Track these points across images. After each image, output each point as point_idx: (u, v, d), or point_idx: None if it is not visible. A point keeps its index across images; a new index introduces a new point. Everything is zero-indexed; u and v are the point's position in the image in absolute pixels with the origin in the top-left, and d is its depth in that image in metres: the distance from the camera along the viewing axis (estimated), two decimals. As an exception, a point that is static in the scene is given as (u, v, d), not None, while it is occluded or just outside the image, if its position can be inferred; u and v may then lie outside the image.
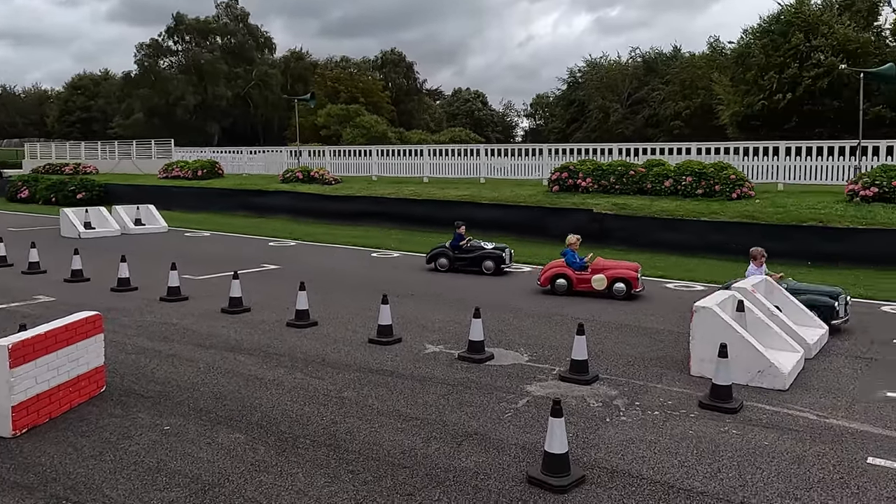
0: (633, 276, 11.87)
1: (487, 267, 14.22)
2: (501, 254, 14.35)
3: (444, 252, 14.71)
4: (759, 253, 10.37)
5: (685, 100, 52.92)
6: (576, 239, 12.73)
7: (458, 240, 14.63)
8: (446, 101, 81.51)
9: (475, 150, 25.93)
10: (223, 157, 33.69)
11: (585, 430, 6.25)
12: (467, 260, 14.45)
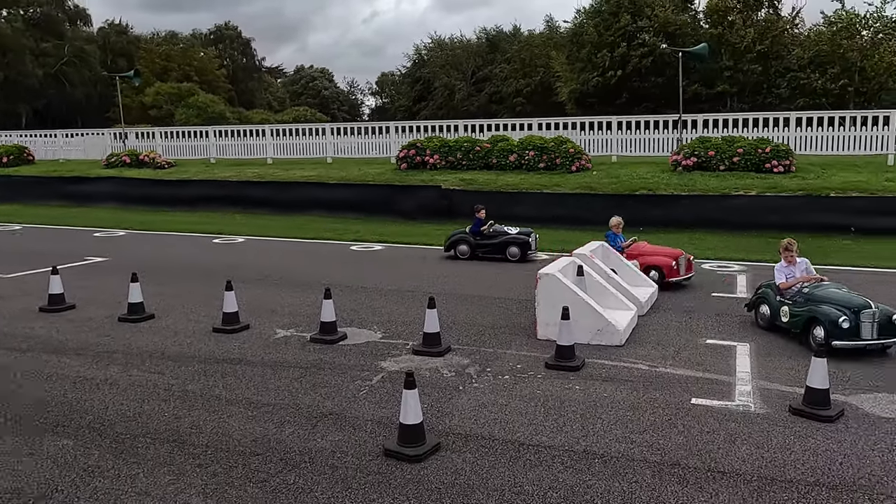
0: (667, 262, 10.77)
1: (512, 253, 13.09)
2: (527, 239, 13.24)
3: (465, 238, 13.52)
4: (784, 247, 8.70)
5: (526, 77, 54.81)
6: (618, 221, 11.61)
7: (478, 225, 13.45)
8: (289, 80, 78.49)
9: (321, 130, 25.34)
10: (33, 142, 30.44)
11: (439, 399, 6.33)
12: (490, 246, 13.33)
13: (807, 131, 20.02)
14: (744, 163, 17.83)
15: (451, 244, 13.63)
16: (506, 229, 13.49)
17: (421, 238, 15.83)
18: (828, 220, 15.50)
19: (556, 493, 4.70)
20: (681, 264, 10.91)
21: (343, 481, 4.92)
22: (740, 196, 16.43)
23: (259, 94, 68.42)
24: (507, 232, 13.38)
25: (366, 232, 16.51)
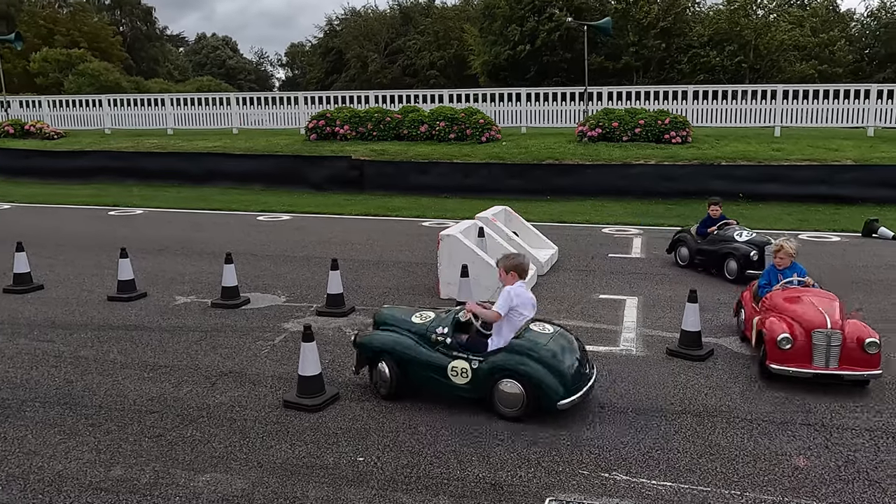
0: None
1: (730, 271, 9.22)
2: (750, 253, 8.99)
3: (686, 240, 10.08)
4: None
5: (440, 50, 54.83)
6: (789, 248, 6.79)
7: (705, 224, 9.90)
8: (191, 49, 75.05)
9: (226, 100, 24.56)
10: None
11: (341, 356, 6.45)
12: (708, 255, 9.63)
13: (703, 104, 20.99)
14: (645, 134, 18.57)
15: (672, 245, 10.40)
16: (736, 232, 9.43)
17: (332, 208, 15.76)
18: (719, 186, 16.37)
19: (448, 432, 4.93)
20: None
21: (241, 432, 4.99)
22: (641, 165, 17.13)
23: (160, 63, 65.18)
24: (735, 239, 9.31)
25: (274, 203, 16.28)
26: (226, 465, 4.54)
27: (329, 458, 4.61)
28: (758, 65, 41.96)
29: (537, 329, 5.29)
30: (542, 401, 4.97)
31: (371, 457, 4.62)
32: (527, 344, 5.11)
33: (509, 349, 5.13)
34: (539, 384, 4.95)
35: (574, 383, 5.03)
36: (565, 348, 5.18)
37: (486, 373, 5.13)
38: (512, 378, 5.03)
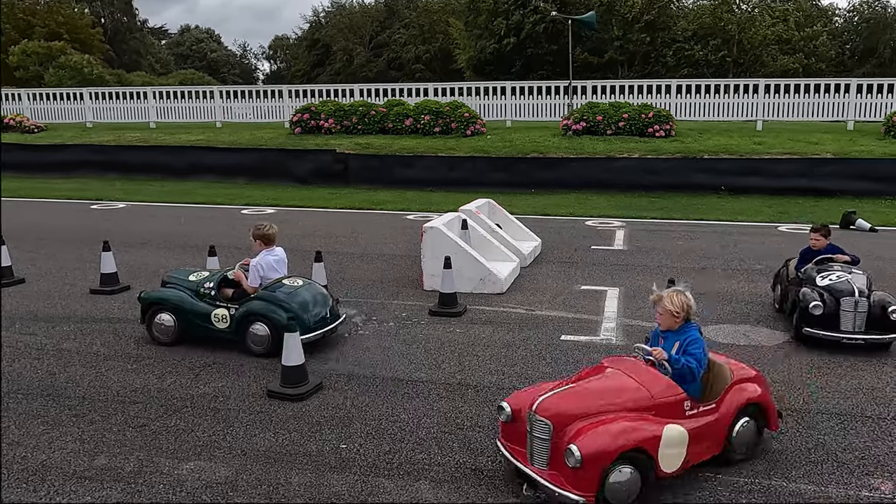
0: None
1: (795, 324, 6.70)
2: (810, 304, 6.46)
3: (780, 276, 7.80)
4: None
5: (425, 44, 54.74)
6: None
7: (804, 257, 7.33)
8: (173, 41, 74.28)
9: (209, 93, 24.41)
10: None
11: (325, 346, 6.49)
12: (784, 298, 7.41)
13: (687, 98, 21.13)
14: (629, 127, 18.70)
15: (774, 280, 8.06)
16: (824, 275, 6.77)
17: (316, 202, 15.76)
18: (701, 180, 16.57)
19: (429, 419, 5.01)
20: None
21: (225, 421, 5.04)
22: (624, 158, 17.25)
23: (143, 56, 64.47)
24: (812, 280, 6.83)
25: (258, 196, 16.25)
26: (209, 453, 4.59)
27: (312, 446, 4.67)
28: (741, 59, 42.27)
29: (288, 283, 6.54)
30: (281, 335, 5.74)
31: (354, 444, 4.68)
32: (274, 294, 6.34)
33: (260, 298, 6.34)
34: (280, 324, 6.00)
35: (314, 325, 6.25)
36: (307, 297, 6.39)
37: (241, 318, 6.30)
38: (261, 321, 6.20)
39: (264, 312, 6.21)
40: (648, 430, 3.89)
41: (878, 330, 6.28)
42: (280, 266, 6.69)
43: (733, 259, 10.11)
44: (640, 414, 3.99)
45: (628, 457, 3.78)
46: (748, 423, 4.38)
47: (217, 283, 6.59)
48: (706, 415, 4.24)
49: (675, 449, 3.98)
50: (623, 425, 3.86)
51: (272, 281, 6.49)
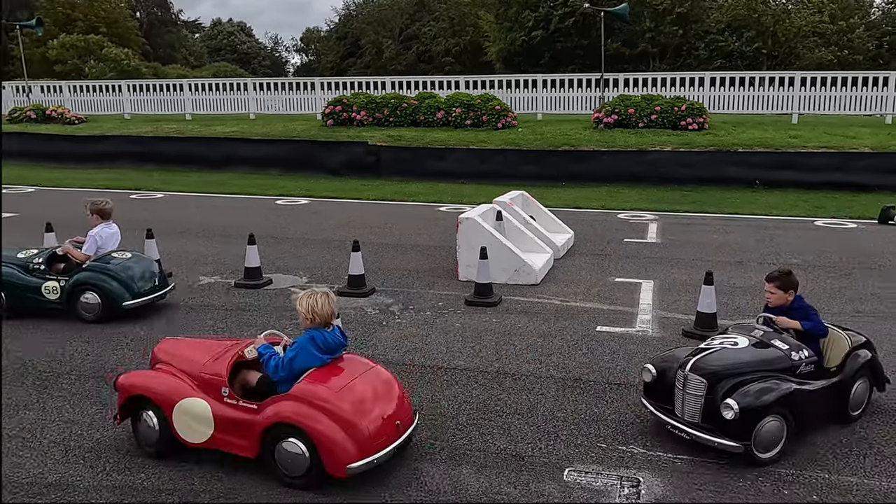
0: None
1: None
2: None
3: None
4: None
5: (455, 36, 54.64)
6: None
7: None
8: (206, 35, 75.34)
9: (243, 85, 24.74)
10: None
11: (364, 333, 6.62)
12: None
13: (720, 91, 20.91)
14: (661, 120, 18.54)
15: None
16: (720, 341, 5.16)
17: (348, 193, 15.92)
18: (735, 173, 16.39)
19: (469, 406, 5.10)
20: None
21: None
22: (657, 151, 17.12)
23: (177, 49, 65.46)
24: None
25: (292, 187, 16.44)
26: (256, 434, 4.69)
27: (355, 430, 4.77)
28: (776, 51, 41.57)
29: (118, 255, 7.24)
30: (112, 303, 6.88)
31: (395, 429, 4.77)
32: (102, 265, 7.04)
33: (89, 269, 7.00)
34: (109, 292, 6.89)
35: (141, 292, 7.05)
36: (135, 268, 7.15)
37: (71, 288, 6.95)
38: (91, 290, 6.92)
39: (94, 282, 6.93)
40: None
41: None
42: (113, 240, 7.37)
43: (769, 253, 10.02)
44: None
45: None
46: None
47: (47, 259, 7.22)
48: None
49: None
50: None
51: (104, 253, 7.18)
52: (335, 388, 4.15)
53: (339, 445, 3.97)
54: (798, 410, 4.43)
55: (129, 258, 7.25)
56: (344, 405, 4.05)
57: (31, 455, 4.48)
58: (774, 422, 4.31)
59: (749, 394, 4.30)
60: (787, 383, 4.45)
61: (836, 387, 4.70)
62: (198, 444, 4.36)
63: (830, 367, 4.87)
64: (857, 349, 4.89)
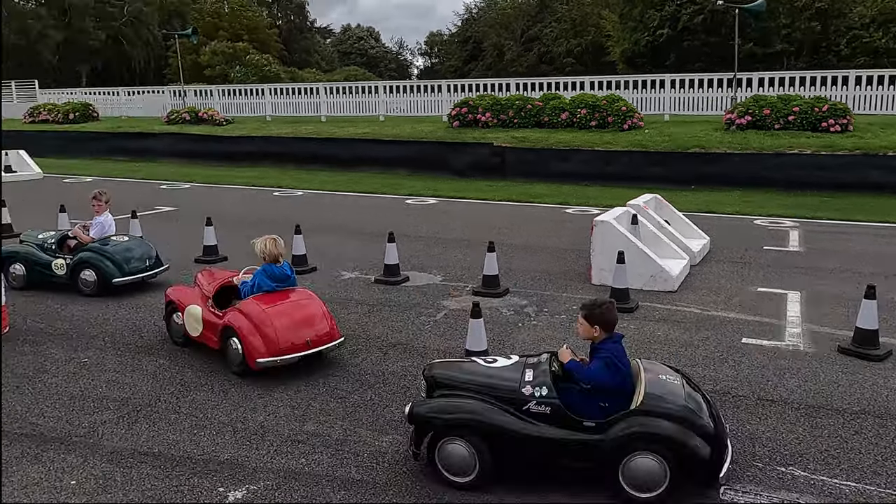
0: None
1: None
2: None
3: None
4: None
5: (577, 37, 54.02)
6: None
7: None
8: (337, 40, 78.88)
9: (374, 88, 25.67)
10: (97, 99, 31.40)
11: (501, 333, 6.72)
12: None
13: (867, 90, 19.54)
14: (799, 121, 17.55)
15: None
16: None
17: (474, 193, 16.15)
18: (883, 178, 15.26)
19: (613, 413, 5.05)
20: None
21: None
22: (794, 154, 16.23)
23: (311, 54, 69.01)
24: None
25: (420, 187, 16.87)
26: (405, 429, 4.88)
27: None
28: (930, 46, 38.19)
29: (115, 239, 8.42)
30: (105, 280, 8.00)
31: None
32: (101, 247, 8.20)
33: (90, 249, 8.18)
34: (104, 271, 8.01)
35: (132, 271, 8.17)
36: (131, 251, 8.31)
37: (74, 266, 8.11)
38: (89, 268, 8.05)
39: (93, 261, 8.07)
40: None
41: None
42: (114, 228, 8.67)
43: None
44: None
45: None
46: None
47: (58, 240, 8.49)
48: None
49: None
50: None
51: (105, 237, 8.39)
52: (263, 306, 5.86)
53: (252, 345, 5.68)
54: (502, 443, 4.03)
55: (126, 241, 8.52)
56: (264, 318, 5.74)
57: (205, 434, 4.88)
58: (459, 446, 4.07)
59: (428, 405, 4.23)
60: (492, 410, 4.08)
61: (587, 447, 3.96)
62: (194, 338, 6.32)
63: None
64: (649, 414, 3.92)
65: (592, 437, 3.96)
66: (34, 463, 4.52)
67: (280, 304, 5.93)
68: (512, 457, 4.12)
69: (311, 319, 5.93)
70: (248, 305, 5.90)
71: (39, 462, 4.53)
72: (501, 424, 4.07)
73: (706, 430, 3.90)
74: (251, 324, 5.72)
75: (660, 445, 3.85)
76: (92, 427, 4.99)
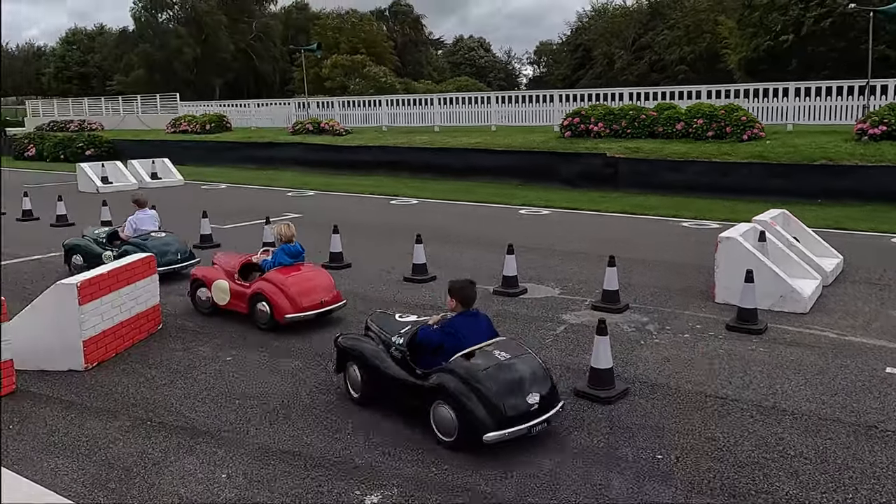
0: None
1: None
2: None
3: None
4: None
5: (690, 44, 52.35)
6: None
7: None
8: (448, 51, 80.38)
9: (486, 98, 25.97)
10: (230, 111, 33.56)
11: (622, 351, 6.66)
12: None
13: None
14: (943, 132, 16.31)
15: None
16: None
17: (586, 204, 16.00)
18: None
19: (748, 442, 4.91)
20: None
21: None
22: (940, 168, 15.08)
23: (423, 65, 70.78)
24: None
25: (532, 197, 16.88)
26: (531, 443, 4.92)
27: (627, 451, 4.81)
28: None
29: (154, 234, 9.83)
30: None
31: (670, 456, 4.74)
32: (141, 241, 9.54)
33: (132, 244, 9.52)
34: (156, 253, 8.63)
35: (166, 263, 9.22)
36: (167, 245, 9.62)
37: (117, 256, 8.97)
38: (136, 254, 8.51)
39: (132, 253, 8.68)
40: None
41: None
42: (151, 221, 10.06)
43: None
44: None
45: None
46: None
47: (109, 235, 10.02)
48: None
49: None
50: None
51: (145, 232, 9.74)
52: (285, 275, 7.44)
53: (280, 305, 7.23)
54: (373, 373, 5.48)
55: (164, 237, 9.80)
56: (287, 284, 7.32)
57: (340, 437, 5.12)
58: (354, 370, 5.63)
59: (345, 340, 5.85)
60: (372, 349, 5.60)
61: (415, 389, 5.15)
62: (222, 306, 7.82)
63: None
64: (451, 373, 4.90)
65: (418, 382, 5.12)
66: (189, 454, 4.90)
67: (297, 274, 7.54)
68: (379, 386, 5.47)
69: (323, 286, 7.55)
70: (272, 276, 7.46)
71: (193, 454, 4.91)
72: (373, 360, 5.49)
73: (487, 396, 4.71)
74: (278, 289, 7.28)
75: (448, 398, 4.84)
76: (238, 423, 5.36)
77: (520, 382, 4.83)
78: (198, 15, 62.37)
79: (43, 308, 6.49)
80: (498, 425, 4.67)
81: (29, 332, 6.31)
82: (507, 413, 4.71)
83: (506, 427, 4.69)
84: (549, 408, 4.90)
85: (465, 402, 4.75)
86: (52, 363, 6.42)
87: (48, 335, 6.38)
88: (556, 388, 5.07)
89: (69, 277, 6.83)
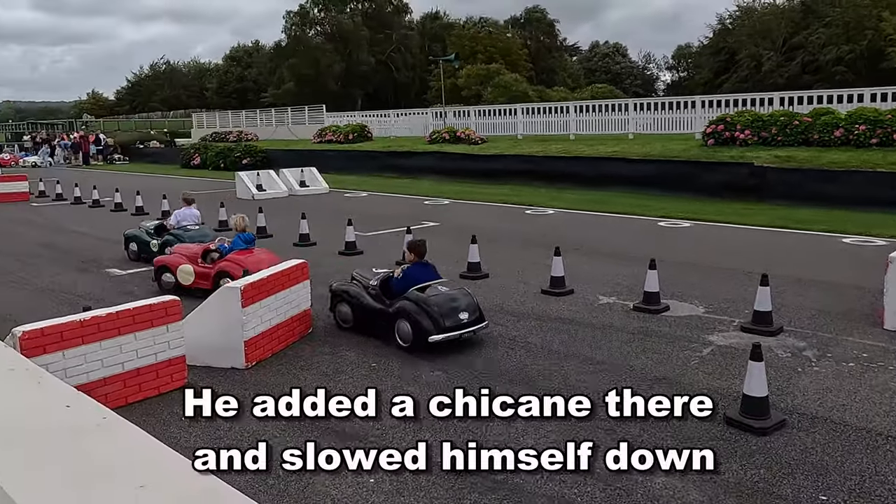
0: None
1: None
2: None
3: None
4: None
5: (849, 43, 48.50)
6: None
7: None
8: (583, 57, 79.17)
9: (623, 105, 25.35)
10: (371, 121, 34.90)
11: (777, 378, 6.26)
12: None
13: None
14: None
15: None
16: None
17: (730, 217, 15.20)
18: None
19: (931, 490, 4.48)
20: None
21: (687, 441, 5.20)
22: None
23: (557, 72, 70.30)
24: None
25: (671, 209, 16.27)
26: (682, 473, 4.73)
27: (787, 490, 4.51)
28: None
29: (191, 227, 11.59)
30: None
31: (835, 499, 4.39)
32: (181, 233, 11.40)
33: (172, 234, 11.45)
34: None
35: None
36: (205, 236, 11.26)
37: (160, 245, 11.42)
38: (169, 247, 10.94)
39: (171, 242, 10.99)
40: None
41: None
42: (192, 217, 11.88)
43: None
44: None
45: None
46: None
47: (156, 227, 11.99)
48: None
49: None
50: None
51: (184, 226, 11.58)
52: (243, 256, 9.42)
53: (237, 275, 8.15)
54: (357, 307, 7.75)
55: (198, 230, 11.50)
56: (246, 263, 8.94)
57: (482, 447, 5.16)
58: (344, 305, 7.88)
59: (336, 286, 8.15)
60: (356, 290, 7.85)
61: (385, 314, 7.38)
62: (186, 286, 9.51)
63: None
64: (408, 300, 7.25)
65: (386, 309, 7.35)
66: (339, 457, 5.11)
67: (250, 256, 9.45)
68: (363, 316, 7.68)
69: (268, 261, 8.90)
70: (232, 257, 9.46)
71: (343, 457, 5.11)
72: (358, 297, 7.73)
73: (431, 313, 6.99)
74: (239, 266, 8.88)
75: (407, 315, 7.10)
76: (382, 431, 5.54)
77: (455, 306, 7.06)
78: (343, 32, 65.49)
79: (210, 309, 7.04)
80: (439, 332, 6.91)
81: (198, 332, 6.86)
82: (445, 324, 6.93)
83: (444, 333, 6.92)
84: (476, 323, 7.18)
85: (417, 317, 6.99)
86: (216, 360, 6.95)
87: (214, 335, 6.91)
88: (482, 313, 7.32)
89: (233, 282, 7.36)
